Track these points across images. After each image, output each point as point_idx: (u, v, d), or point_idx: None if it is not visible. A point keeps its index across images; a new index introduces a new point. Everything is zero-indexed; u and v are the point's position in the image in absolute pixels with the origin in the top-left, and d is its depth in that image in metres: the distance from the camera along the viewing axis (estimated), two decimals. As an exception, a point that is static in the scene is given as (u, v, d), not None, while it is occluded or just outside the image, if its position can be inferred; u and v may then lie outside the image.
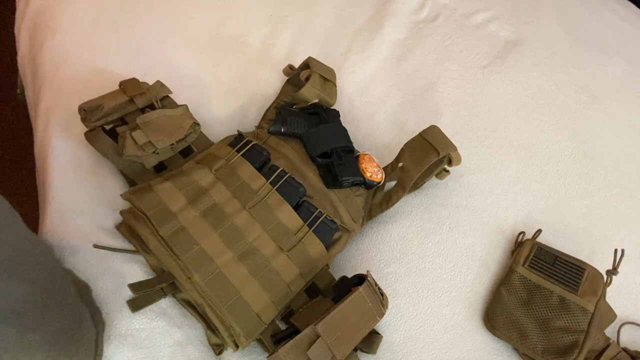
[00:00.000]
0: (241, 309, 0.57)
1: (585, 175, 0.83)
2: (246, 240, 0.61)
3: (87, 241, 0.62)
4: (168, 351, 0.58)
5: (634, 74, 0.97)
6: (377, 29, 0.93)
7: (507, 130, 0.86)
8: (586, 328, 0.63)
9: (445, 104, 0.87)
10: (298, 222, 0.63)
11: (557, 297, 0.65)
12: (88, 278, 0.59)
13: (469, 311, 0.68)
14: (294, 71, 0.80)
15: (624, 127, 0.90)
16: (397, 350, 0.64)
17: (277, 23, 0.91)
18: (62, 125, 0.71)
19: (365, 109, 0.85)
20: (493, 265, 0.72)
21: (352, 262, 0.71)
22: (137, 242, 0.63)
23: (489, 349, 0.66)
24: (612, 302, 0.67)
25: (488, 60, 0.93)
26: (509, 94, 0.90)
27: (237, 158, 0.66)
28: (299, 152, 0.71)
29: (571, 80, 0.93)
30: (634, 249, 0.76)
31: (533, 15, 1.01)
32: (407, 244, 0.72)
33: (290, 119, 0.73)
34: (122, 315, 0.58)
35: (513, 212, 0.77)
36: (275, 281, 0.60)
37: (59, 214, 0.64)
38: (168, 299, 0.62)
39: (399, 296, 0.68)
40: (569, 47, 0.98)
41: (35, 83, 0.81)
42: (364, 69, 0.88)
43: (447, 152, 0.69)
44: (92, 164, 0.69)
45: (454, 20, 0.98)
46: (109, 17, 0.85)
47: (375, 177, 0.71)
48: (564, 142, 0.86)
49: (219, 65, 0.84)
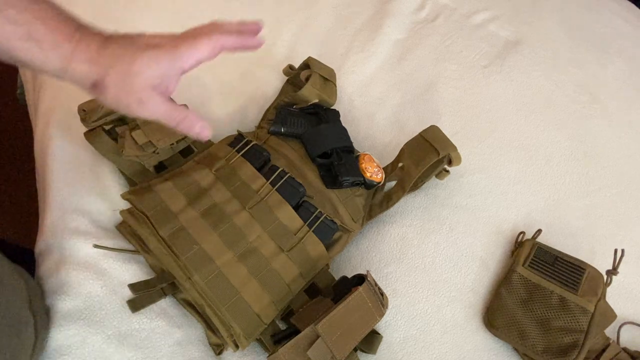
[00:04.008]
0: (241, 309, 0.57)
1: (585, 175, 0.83)
2: (246, 241, 0.61)
3: (87, 241, 0.62)
4: (168, 351, 0.58)
5: (634, 74, 0.97)
6: (377, 29, 0.93)
7: (507, 130, 0.86)
8: (586, 328, 0.63)
9: (445, 104, 0.87)
10: (298, 222, 0.63)
11: (557, 297, 0.65)
12: (88, 278, 0.59)
13: (469, 311, 0.68)
14: (294, 71, 0.80)
15: (624, 127, 0.90)
16: (397, 350, 0.64)
17: (277, 23, 0.91)
18: (62, 125, 0.71)
19: (365, 109, 0.85)
20: (493, 265, 0.72)
21: (352, 262, 0.71)
22: (137, 242, 0.63)
23: (489, 349, 0.66)
24: (612, 302, 0.67)
25: (488, 60, 0.93)
26: (509, 94, 0.90)
27: (237, 158, 0.66)
28: (299, 152, 0.71)
29: (571, 80, 0.93)
30: (634, 249, 0.76)
31: (533, 15, 1.01)
32: (407, 244, 0.72)
33: (290, 119, 0.73)
34: (122, 315, 0.58)
35: (513, 212, 0.77)
36: (276, 281, 0.60)
37: (59, 214, 0.64)
38: (168, 299, 0.62)
39: (399, 296, 0.68)
40: (569, 47, 0.98)
41: (36, 83, 0.81)
42: (364, 69, 0.88)
43: (447, 152, 0.69)
44: (92, 164, 0.69)
45: (454, 20, 0.98)
46: (109, 17, 0.85)
47: (375, 177, 0.71)
48: (564, 142, 0.86)
49: (219, 65, 0.84)
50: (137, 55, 0.47)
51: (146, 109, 0.48)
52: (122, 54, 0.47)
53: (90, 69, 0.47)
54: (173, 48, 0.48)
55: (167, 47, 0.48)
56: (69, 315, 0.57)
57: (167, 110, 0.49)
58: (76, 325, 0.56)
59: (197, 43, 0.49)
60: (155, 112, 0.48)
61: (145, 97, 0.47)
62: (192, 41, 0.48)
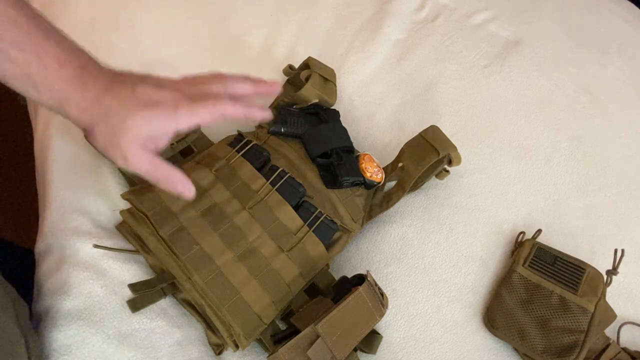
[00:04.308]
0: (241, 309, 0.57)
1: (585, 175, 0.83)
2: (246, 241, 0.61)
3: (87, 241, 0.62)
4: (168, 351, 0.58)
5: (634, 74, 0.97)
6: (377, 28, 0.93)
7: (507, 130, 0.86)
8: (586, 328, 0.63)
9: (445, 104, 0.87)
10: (298, 222, 0.63)
11: (557, 297, 0.65)
12: (88, 278, 0.59)
13: (469, 311, 0.68)
14: (294, 71, 0.80)
15: (624, 127, 0.90)
16: (397, 350, 0.64)
17: (277, 23, 0.91)
18: (62, 125, 0.71)
19: (365, 109, 0.85)
20: (493, 265, 0.72)
21: (352, 262, 0.71)
22: (137, 242, 0.63)
23: (489, 349, 0.66)
24: (612, 302, 0.67)
25: (488, 60, 0.93)
26: (509, 94, 0.90)
27: (237, 158, 0.66)
28: (299, 152, 0.71)
29: (571, 80, 0.93)
30: (634, 249, 0.76)
31: (533, 15, 1.01)
32: (407, 244, 0.72)
33: (290, 119, 0.73)
34: (122, 315, 0.58)
35: (513, 212, 0.77)
36: (276, 281, 0.60)
37: (59, 214, 0.64)
38: (168, 299, 0.62)
39: (399, 296, 0.68)
40: (569, 47, 0.98)
41: (35, 83, 0.81)
42: (364, 69, 0.88)
43: (447, 152, 0.69)
44: (92, 164, 0.69)
45: (454, 20, 0.98)
46: (109, 17, 0.85)
47: (375, 177, 0.71)
48: (564, 142, 0.86)
49: (219, 65, 0.84)
50: (131, 114, 0.46)
51: (129, 164, 0.48)
52: (116, 108, 0.47)
53: (83, 117, 0.47)
54: (172, 109, 0.47)
55: (166, 107, 0.47)
56: (69, 315, 0.57)
57: (149, 169, 0.49)
58: (76, 325, 0.56)
59: (198, 109, 0.48)
60: (138, 169, 0.49)
61: (130, 154, 0.47)
62: (193, 106, 0.48)
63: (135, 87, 0.48)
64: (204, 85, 0.51)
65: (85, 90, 0.47)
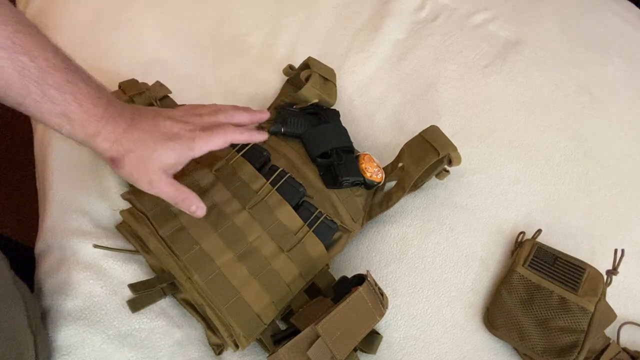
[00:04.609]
0: (241, 309, 0.57)
1: (585, 175, 0.83)
2: (246, 241, 0.61)
3: (87, 241, 0.62)
4: (168, 351, 0.58)
5: (634, 74, 0.97)
6: (377, 29, 0.93)
7: (507, 130, 0.86)
8: (586, 328, 0.63)
9: (445, 104, 0.87)
10: (298, 222, 0.63)
11: (557, 297, 0.65)
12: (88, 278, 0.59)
13: (469, 311, 0.68)
14: (294, 71, 0.80)
15: (624, 127, 0.90)
16: (397, 350, 0.64)
17: (277, 23, 0.91)
18: (62, 125, 0.71)
19: (365, 109, 0.85)
20: (493, 265, 0.72)
21: (352, 262, 0.71)
22: (137, 242, 0.63)
23: (489, 349, 0.66)
24: (612, 302, 0.67)
25: (488, 60, 0.93)
26: (509, 94, 0.90)
27: (237, 158, 0.66)
28: (299, 152, 0.71)
29: (571, 80, 0.93)
30: (634, 249, 0.76)
31: (533, 15, 1.01)
32: (407, 244, 0.72)
33: (290, 119, 0.73)
34: (122, 315, 0.58)
35: (513, 212, 0.77)
36: (276, 281, 0.60)
37: (59, 214, 0.64)
38: (168, 299, 0.62)
39: (399, 296, 0.68)
40: (569, 47, 0.98)
41: (35, 83, 0.81)
42: (364, 69, 0.88)
43: (447, 152, 0.69)
44: (92, 164, 0.69)
45: (454, 20, 0.98)
46: (109, 17, 0.85)
47: (375, 177, 0.71)
48: (564, 142, 0.86)
49: (219, 65, 0.84)
50: (159, 145, 0.53)
51: (153, 188, 0.54)
52: (144, 141, 0.53)
53: (112, 148, 0.52)
54: (190, 140, 0.54)
55: (185, 138, 0.54)
56: (69, 315, 0.57)
57: (171, 192, 0.55)
58: (76, 325, 0.56)
59: (213, 138, 0.56)
60: (161, 193, 0.55)
61: (156, 179, 0.54)
62: (207, 136, 0.55)
63: (156, 120, 0.54)
64: (209, 117, 0.58)
65: (115, 125, 0.52)
